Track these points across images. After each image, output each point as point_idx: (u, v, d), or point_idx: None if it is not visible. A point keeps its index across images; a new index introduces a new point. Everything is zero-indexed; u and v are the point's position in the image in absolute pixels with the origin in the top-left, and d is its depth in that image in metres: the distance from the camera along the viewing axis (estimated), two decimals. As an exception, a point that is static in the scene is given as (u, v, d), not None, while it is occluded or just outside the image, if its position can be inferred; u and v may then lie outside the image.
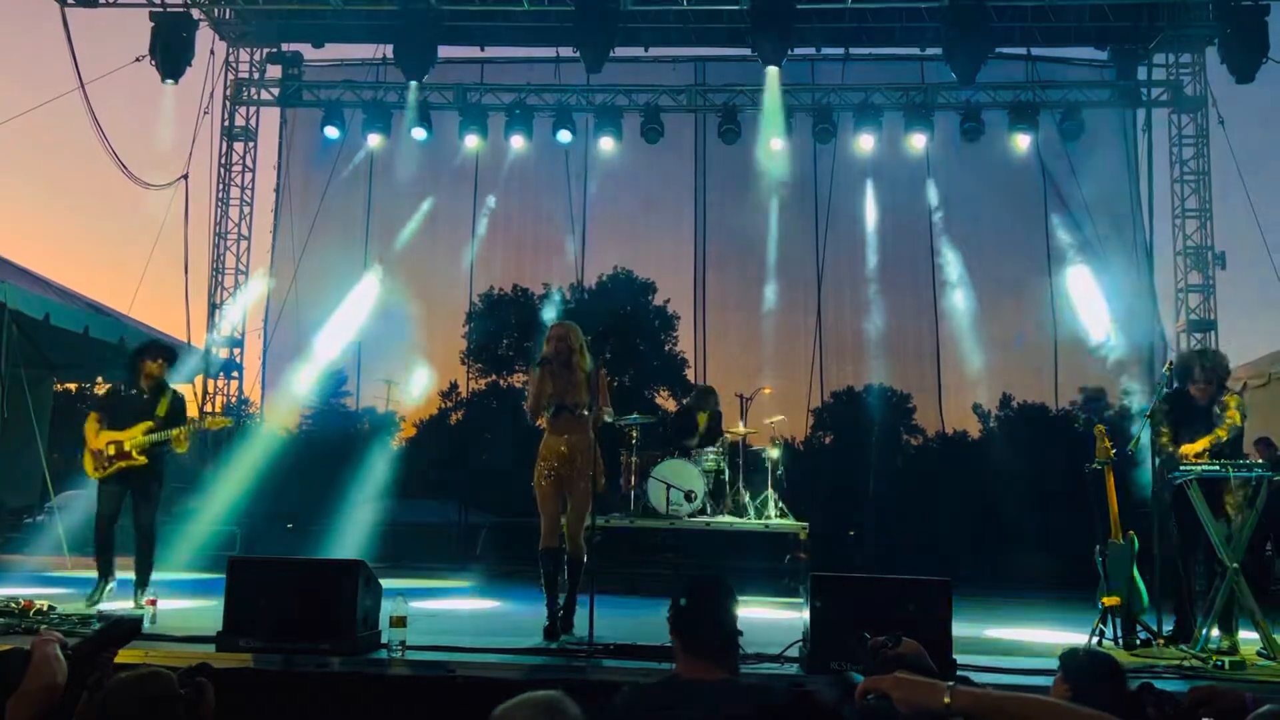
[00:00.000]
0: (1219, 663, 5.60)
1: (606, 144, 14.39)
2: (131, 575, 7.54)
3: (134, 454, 7.39)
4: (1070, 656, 3.23)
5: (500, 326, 19.05)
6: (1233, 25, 12.46)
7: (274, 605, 5.31)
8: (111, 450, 7.39)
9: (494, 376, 21.02)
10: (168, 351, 7.87)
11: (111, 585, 7.45)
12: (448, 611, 8.29)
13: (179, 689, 2.84)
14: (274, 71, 15.25)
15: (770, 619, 7.77)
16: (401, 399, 15.39)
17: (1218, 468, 6.19)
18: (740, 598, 3.33)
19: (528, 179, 15.16)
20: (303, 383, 14.81)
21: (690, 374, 19.11)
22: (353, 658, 5.16)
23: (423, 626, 5.89)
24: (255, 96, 15.29)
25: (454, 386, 20.31)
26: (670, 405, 20.81)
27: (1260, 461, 6.27)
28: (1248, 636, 6.26)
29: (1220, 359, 6.86)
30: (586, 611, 6.12)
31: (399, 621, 5.37)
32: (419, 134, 14.27)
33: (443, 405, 20.46)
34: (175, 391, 7.85)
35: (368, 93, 14.70)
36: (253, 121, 15.33)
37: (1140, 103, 14.34)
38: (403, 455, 15.02)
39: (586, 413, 6.79)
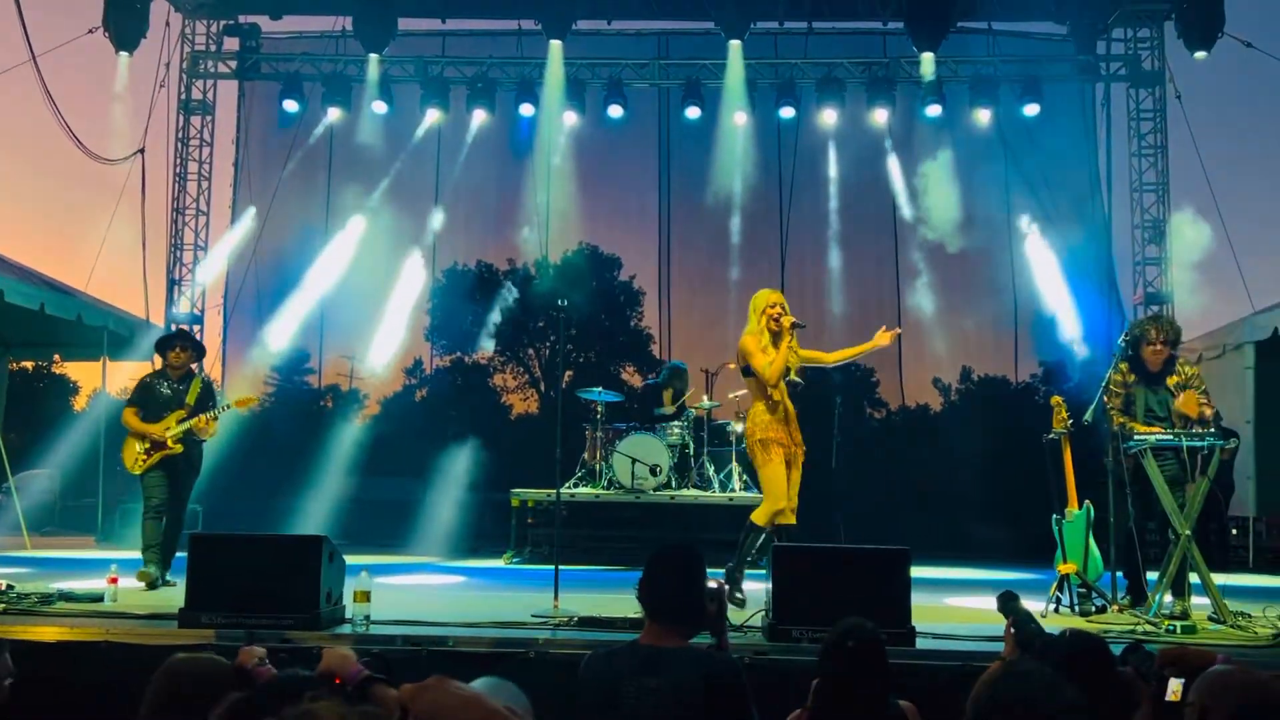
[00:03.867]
0: (1171, 627, 5.72)
1: (570, 118, 14.32)
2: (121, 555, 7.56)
3: (170, 443, 7.58)
4: (1056, 644, 3.25)
5: (464, 302, 18.94)
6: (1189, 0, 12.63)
7: (237, 581, 5.29)
8: (148, 442, 7.56)
9: (459, 353, 20.92)
10: (190, 340, 8.25)
11: (165, 574, 7.45)
12: (413, 586, 8.31)
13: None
14: (231, 44, 15.01)
15: (734, 590, 7.83)
16: (365, 376, 15.24)
17: (1171, 437, 6.30)
18: (706, 570, 3.37)
19: (490, 153, 15.02)
20: (264, 360, 14.68)
21: (655, 349, 19.15)
22: (317, 633, 5.15)
23: (387, 601, 5.89)
24: (212, 69, 15.05)
25: (418, 363, 20.20)
26: (636, 381, 20.84)
27: (1213, 430, 6.37)
28: (1200, 602, 6.40)
29: (1173, 322, 7.00)
30: (552, 584, 6.17)
31: (363, 596, 5.37)
32: (379, 107, 14.11)
33: (407, 382, 20.35)
34: (204, 378, 8.10)
35: (327, 65, 14.50)
36: (210, 95, 15.09)
37: (1099, 77, 14.46)
38: (366, 432, 14.92)
39: (799, 379, 6.78)
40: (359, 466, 13.68)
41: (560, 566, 6.41)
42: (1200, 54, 12.66)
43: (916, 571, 5.35)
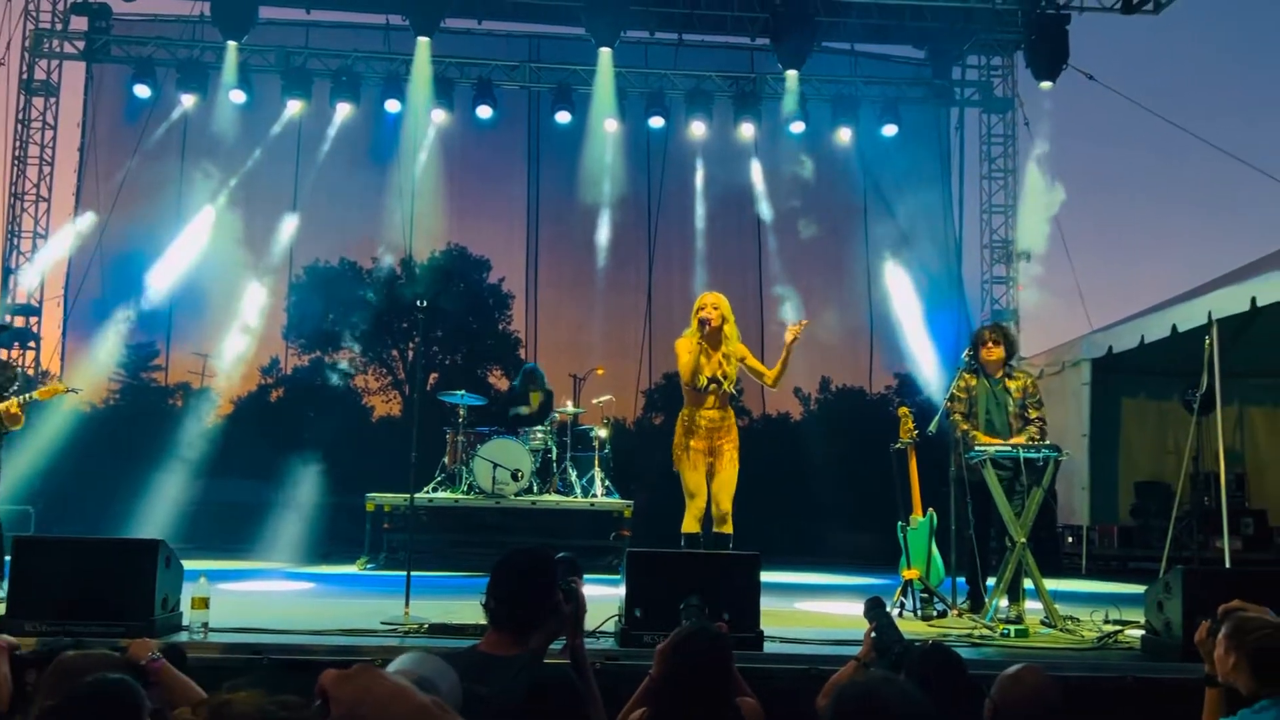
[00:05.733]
0: (1006, 631, 5.97)
1: (438, 115, 14.12)
2: None
3: None
4: (913, 654, 3.32)
5: (325, 301, 18.47)
6: (1037, 32, 13.38)
7: (65, 587, 5.01)
8: None
9: (318, 353, 20.35)
10: None
11: None
12: (259, 593, 8.04)
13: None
14: (79, 23, 14.26)
15: (593, 595, 7.84)
16: (217, 374, 14.62)
17: (1010, 449, 6.58)
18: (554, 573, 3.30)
19: (354, 148, 14.62)
20: (108, 356, 13.96)
21: (523, 353, 19.00)
22: (151, 640, 4.92)
23: (231, 609, 5.68)
24: (58, 49, 14.27)
25: (275, 363, 19.56)
26: (502, 385, 20.65)
27: (1049, 442, 6.69)
28: (1034, 606, 6.70)
29: (1005, 326, 7.41)
30: (403, 590, 6.04)
31: (201, 603, 5.16)
32: (237, 96, 13.59)
33: (262, 381, 19.68)
34: (5, 361, 7.33)
35: (182, 51, 13.92)
36: (55, 76, 14.31)
37: (954, 101, 15.08)
38: (218, 432, 14.34)
39: (731, 390, 6.83)
40: (209, 468, 13.15)
41: (416, 573, 6.30)
42: (1046, 84, 13.35)
43: (770, 576, 5.46)
